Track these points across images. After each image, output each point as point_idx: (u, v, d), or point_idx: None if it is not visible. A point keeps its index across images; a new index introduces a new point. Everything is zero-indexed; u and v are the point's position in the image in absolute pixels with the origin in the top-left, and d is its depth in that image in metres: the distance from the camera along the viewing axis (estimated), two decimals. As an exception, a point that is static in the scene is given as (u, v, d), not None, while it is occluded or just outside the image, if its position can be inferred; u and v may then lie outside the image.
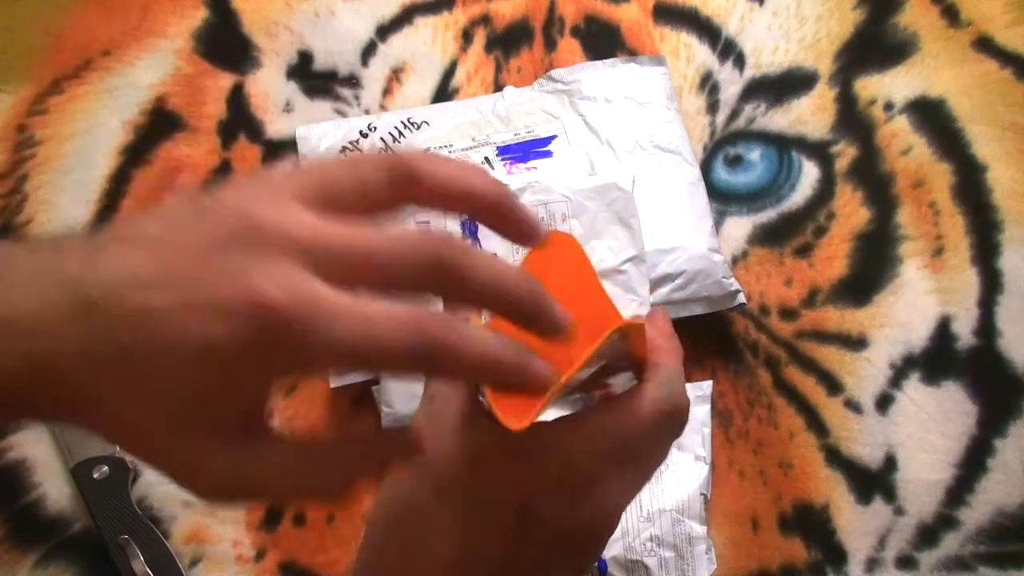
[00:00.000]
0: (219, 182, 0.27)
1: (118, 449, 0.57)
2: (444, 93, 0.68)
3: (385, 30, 0.70)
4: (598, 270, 0.56)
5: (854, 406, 0.58)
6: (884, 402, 0.58)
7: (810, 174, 0.64)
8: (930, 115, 0.66)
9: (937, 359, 0.59)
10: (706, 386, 0.58)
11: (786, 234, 0.63)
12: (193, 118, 0.67)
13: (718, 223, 0.62)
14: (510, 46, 0.69)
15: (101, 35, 0.70)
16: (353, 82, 0.69)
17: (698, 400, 0.57)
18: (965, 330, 0.59)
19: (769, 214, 0.63)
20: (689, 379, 0.57)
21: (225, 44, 0.70)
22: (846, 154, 0.65)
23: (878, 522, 0.55)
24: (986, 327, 0.59)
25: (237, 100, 0.68)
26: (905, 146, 0.65)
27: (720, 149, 0.66)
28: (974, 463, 0.56)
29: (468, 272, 0.26)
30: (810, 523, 0.56)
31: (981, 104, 0.66)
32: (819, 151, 0.65)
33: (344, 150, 0.64)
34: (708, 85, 0.68)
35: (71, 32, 0.70)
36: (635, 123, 0.63)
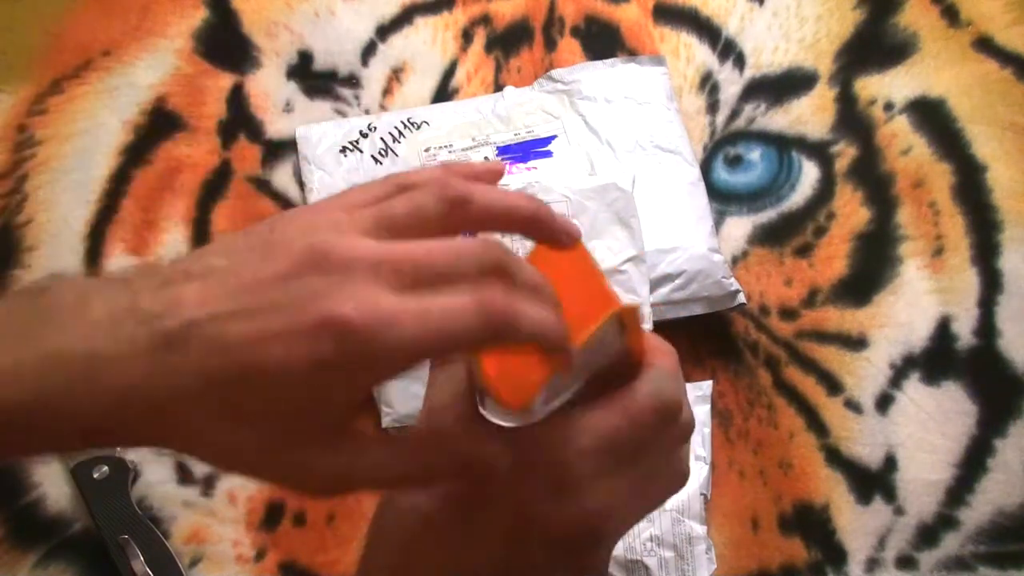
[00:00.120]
0: (276, 217, 0.29)
1: (118, 449, 0.57)
2: (444, 93, 0.68)
3: (385, 30, 0.70)
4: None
5: (854, 406, 0.58)
6: (884, 402, 0.58)
7: (810, 174, 0.64)
8: (930, 115, 0.66)
9: (937, 359, 0.59)
10: (706, 386, 0.58)
11: (786, 234, 0.63)
12: (193, 118, 0.67)
13: (718, 223, 0.62)
14: (510, 46, 0.69)
15: (101, 35, 0.70)
16: (353, 82, 0.69)
17: (698, 400, 0.57)
18: (965, 330, 0.59)
19: (769, 214, 0.63)
20: (689, 379, 0.57)
21: (225, 44, 0.70)
22: (846, 154, 0.65)
23: (878, 522, 0.55)
24: (986, 327, 0.59)
25: (237, 100, 0.68)
26: (905, 146, 0.65)
27: (720, 149, 0.66)
28: (974, 463, 0.56)
29: (517, 272, 0.28)
30: (810, 523, 0.56)
31: (981, 104, 0.66)
32: (819, 151, 0.65)
33: (344, 150, 0.64)
34: (708, 85, 0.68)
35: (71, 32, 0.70)
36: (635, 123, 0.63)
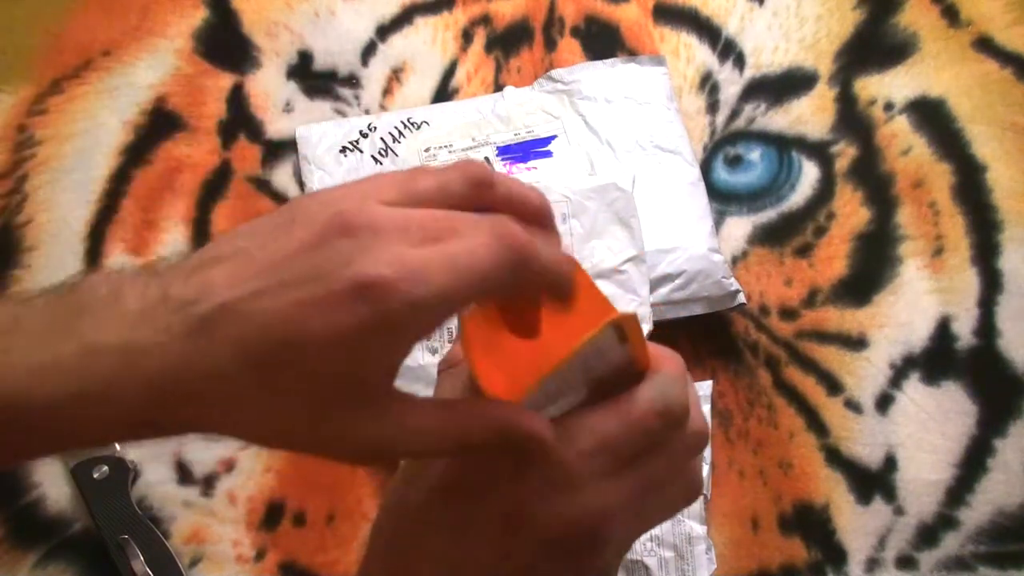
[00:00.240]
0: (297, 198, 0.29)
1: (118, 449, 0.57)
2: (444, 93, 0.68)
3: (385, 30, 0.70)
4: (598, 270, 0.56)
5: (854, 406, 0.58)
6: (884, 402, 0.58)
7: (810, 174, 0.64)
8: (930, 115, 0.66)
9: (937, 359, 0.59)
10: (706, 386, 0.58)
11: (786, 234, 0.63)
12: (193, 118, 0.67)
13: (718, 223, 0.62)
14: (510, 46, 0.69)
15: (101, 35, 0.70)
16: (353, 82, 0.69)
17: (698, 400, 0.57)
18: (965, 330, 0.59)
19: (769, 214, 0.63)
20: (689, 379, 0.57)
21: (225, 44, 0.70)
22: (846, 154, 0.65)
23: (878, 522, 0.55)
24: (986, 327, 0.59)
25: (237, 100, 0.68)
26: (905, 146, 0.65)
27: (720, 149, 0.66)
28: (974, 463, 0.56)
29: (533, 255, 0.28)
30: (810, 523, 0.56)
31: (981, 104, 0.66)
32: (819, 151, 0.65)
33: (344, 150, 0.64)
34: (708, 85, 0.68)
35: (71, 32, 0.70)
36: (635, 123, 0.63)
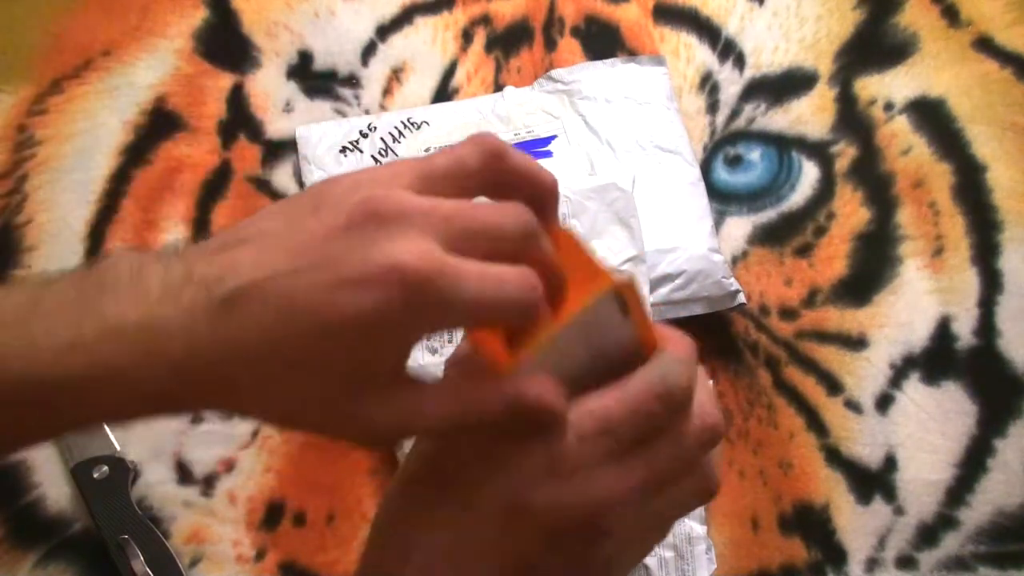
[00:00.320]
0: (317, 183, 0.28)
1: (118, 449, 0.57)
2: (444, 93, 0.68)
3: (385, 30, 0.70)
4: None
5: (854, 406, 0.58)
6: (884, 402, 0.58)
7: (810, 174, 0.64)
8: (930, 115, 0.66)
9: (937, 359, 0.59)
10: (706, 386, 0.58)
11: (786, 234, 0.63)
12: (193, 118, 0.67)
13: (718, 223, 0.62)
14: (510, 46, 0.69)
15: (101, 35, 0.70)
16: (353, 82, 0.69)
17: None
18: (965, 330, 0.59)
19: (769, 214, 0.63)
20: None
21: (225, 44, 0.70)
22: (846, 154, 0.65)
23: (878, 522, 0.55)
24: (986, 327, 0.59)
25: (237, 100, 0.68)
26: (905, 146, 0.65)
27: (720, 149, 0.66)
28: (974, 463, 0.56)
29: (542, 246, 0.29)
30: (810, 523, 0.56)
31: (981, 104, 0.66)
32: (819, 151, 0.65)
33: (344, 150, 0.64)
34: (708, 85, 0.68)
35: (71, 32, 0.70)
36: (635, 123, 0.63)
